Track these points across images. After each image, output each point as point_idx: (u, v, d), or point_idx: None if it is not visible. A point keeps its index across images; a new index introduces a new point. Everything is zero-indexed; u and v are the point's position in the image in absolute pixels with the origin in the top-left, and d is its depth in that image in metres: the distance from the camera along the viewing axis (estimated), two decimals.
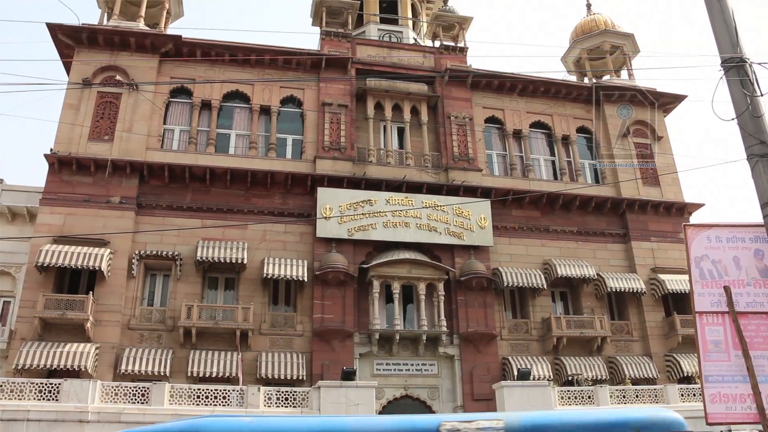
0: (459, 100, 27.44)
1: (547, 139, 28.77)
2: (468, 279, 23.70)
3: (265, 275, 22.07)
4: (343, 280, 22.82)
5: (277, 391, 19.31)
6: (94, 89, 23.85)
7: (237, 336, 21.32)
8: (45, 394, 17.47)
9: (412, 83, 27.07)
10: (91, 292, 20.84)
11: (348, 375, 19.39)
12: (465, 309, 23.74)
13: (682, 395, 21.58)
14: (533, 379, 21.45)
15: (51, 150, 22.65)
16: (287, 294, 23.75)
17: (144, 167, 23.04)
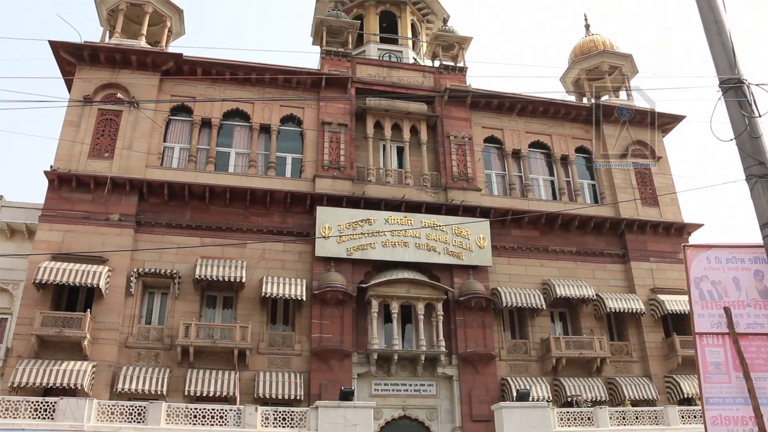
0: (458, 119, 27.54)
1: (546, 159, 28.84)
2: (467, 299, 23.63)
3: (264, 294, 22.00)
4: (342, 299, 22.75)
5: (275, 411, 19.18)
6: (94, 106, 23.93)
7: (235, 355, 21.21)
8: (40, 412, 17.33)
9: (411, 103, 27.19)
10: (89, 309, 20.76)
11: (346, 395, 19.28)
12: (464, 329, 23.64)
13: (682, 417, 21.44)
14: (532, 400, 21.31)
15: (51, 167, 22.68)
16: (285, 313, 23.67)
17: (143, 185, 23.06)
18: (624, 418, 21.22)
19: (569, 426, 20.62)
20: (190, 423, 18.32)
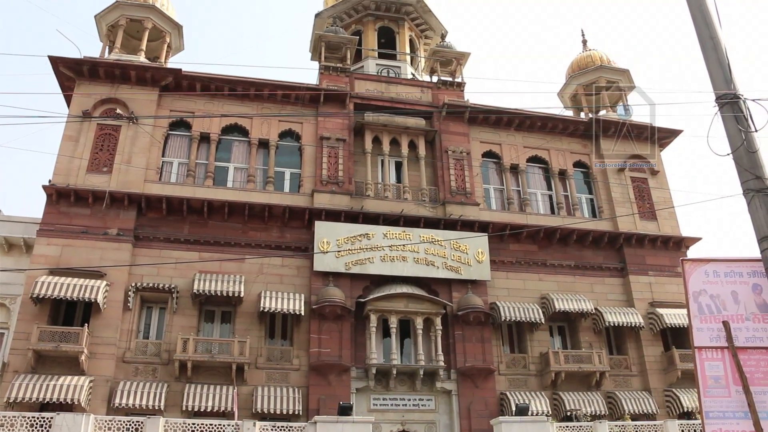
0: (456, 134, 27.61)
1: (544, 174, 28.91)
2: (465, 313, 23.59)
3: (262, 309, 21.95)
4: (340, 314, 22.70)
5: (273, 426, 19.06)
6: (93, 121, 23.97)
7: (233, 370, 21.13)
8: (37, 428, 17.18)
9: (409, 118, 27.27)
10: (87, 324, 20.68)
11: (345, 410, 19.18)
12: (462, 343, 23.58)
13: (682, 431, 21.35)
14: (531, 415, 21.20)
15: (49, 181, 22.67)
16: (284, 328, 23.61)
17: (142, 199, 23.05)
18: None
19: None
20: None
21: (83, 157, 23.34)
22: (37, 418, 17.38)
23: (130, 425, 18.05)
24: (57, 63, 24.52)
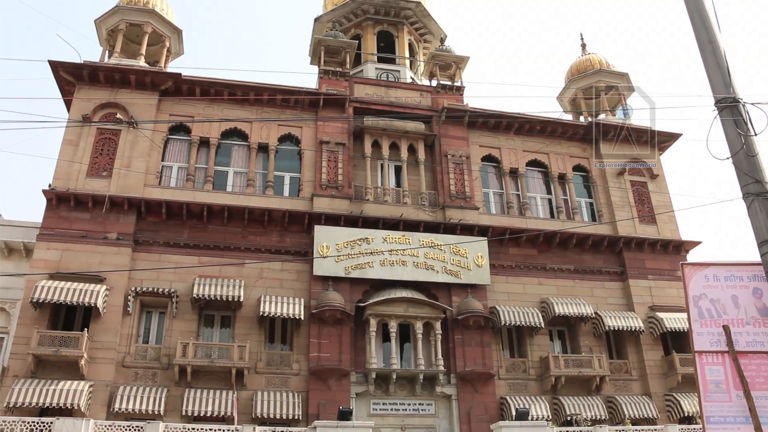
0: (456, 138, 27.64)
1: (544, 178, 28.92)
2: (465, 318, 23.58)
3: (262, 313, 21.94)
4: (340, 318, 22.69)
5: (273, 431, 19.04)
6: (93, 126, 23.98)
7: (232, 374, 21.10)
8: None
9: (409, 122, 27.29)
10: (86, 329, 20.66)
11: (344, 415, 19.17)
12: (462, 348, 23.56)
13: None
14: (531, 419, 21.19)
15: (49, 186, 22.67)
16: (283, 332, 23.59)
17: (142, 204, 23.05)
18: None
19: None
20: None
21: (83, 162, 23.35)
22: (37, 422, 17.40)
23: (129, 430, 18.05)
24: (57, 67, 24.54)
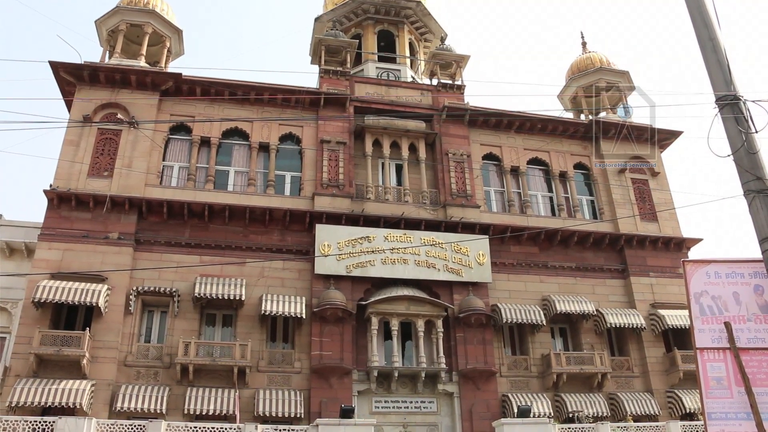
0: (457, 137, 27.64)
1: (545, 176, 28.93)
2: (467, 315, 23.59)
3: (263, 312, 21.96)
4: (342, 316, 22.71)
5: (275, 429, 19.07)
6: (94, 126, 24.00)
7: (234, 373, 21.13)
8: None
9: (410, 121, 27.29)
10: (88, 328, 20.70)
11: (346, 413, 19.19)
12: (464, 346, 23.58)
13: None
14: (533, 417, 21.22)
15: (50, 186, 22.70)
16: (285, 331, 23.61)
17: (143, 203, 23.07)
18: None
19: None
20: None
21: (84, 162, 23.37)
22: (39, 422, 17.41)
23: (132, 429, 18.07)
24: (58, 68, 24.56)
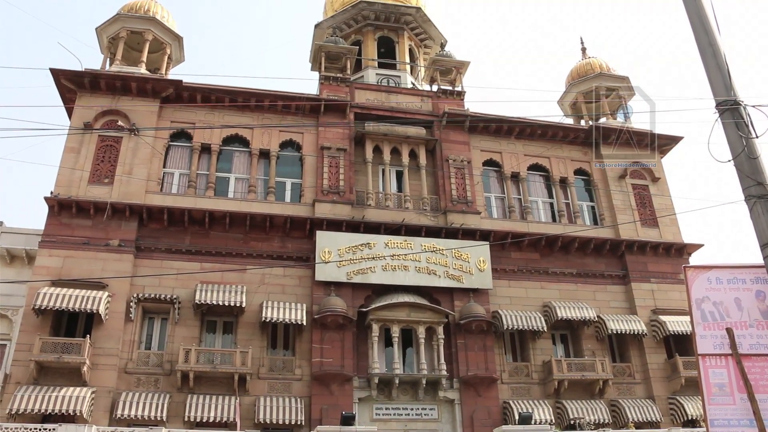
0: (457, 143, 27.64)
1: (545, 182, 28.91)
2: (468, 322, 23.55)
3: (264, 319, 21.92)
4: (342, 323, 22.66)
5: None
6: (95, 133, 24.02)
7: (235, 380, 21.07)
8: None
9: (410, 127, 27.30)
10: (89, 335, 20.67)
11: (347, 420, 19.13)
12: (465, 352, 23.52)
13: None
14: (535, 423, 21.14)
15: (51, 193, 22.70)
16: (286, 338, 23.55)
17: (143, 210, 23.07)
18: None
19: None
20: None
21: (85, 169, 23.38)
22: (40, 429, 17.36)
23: None
24: (58, 75, 24.60)
